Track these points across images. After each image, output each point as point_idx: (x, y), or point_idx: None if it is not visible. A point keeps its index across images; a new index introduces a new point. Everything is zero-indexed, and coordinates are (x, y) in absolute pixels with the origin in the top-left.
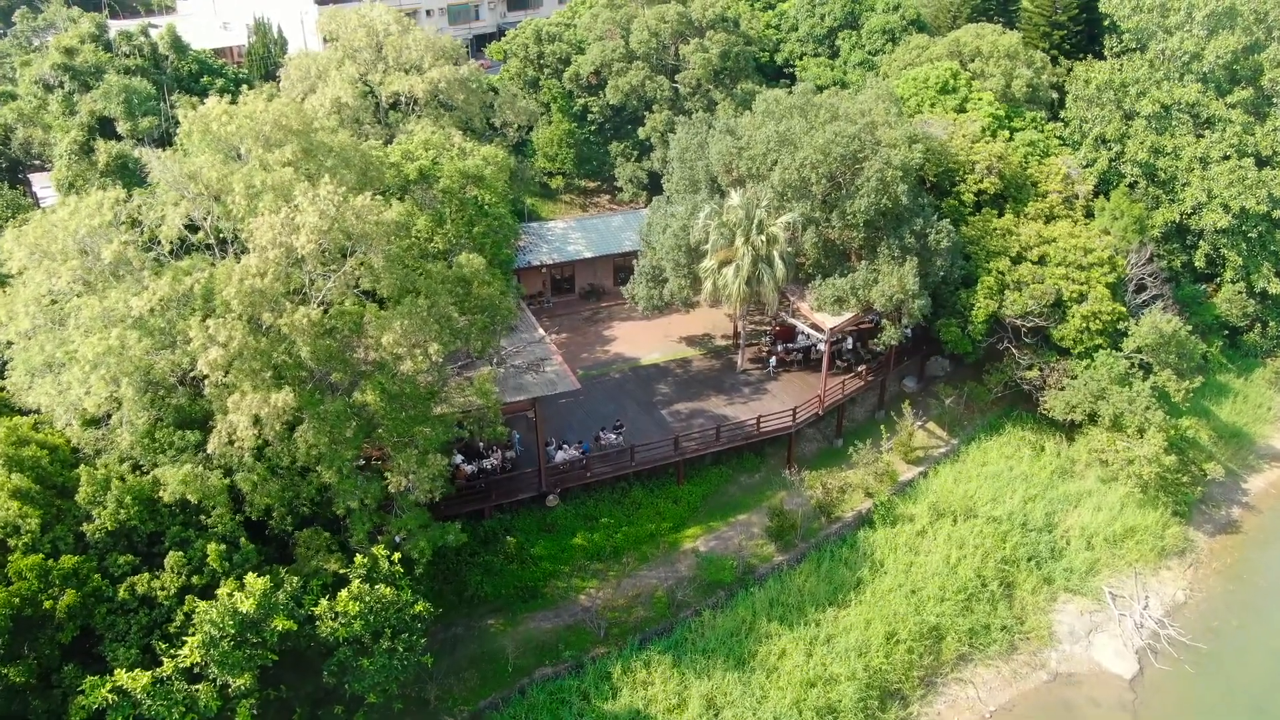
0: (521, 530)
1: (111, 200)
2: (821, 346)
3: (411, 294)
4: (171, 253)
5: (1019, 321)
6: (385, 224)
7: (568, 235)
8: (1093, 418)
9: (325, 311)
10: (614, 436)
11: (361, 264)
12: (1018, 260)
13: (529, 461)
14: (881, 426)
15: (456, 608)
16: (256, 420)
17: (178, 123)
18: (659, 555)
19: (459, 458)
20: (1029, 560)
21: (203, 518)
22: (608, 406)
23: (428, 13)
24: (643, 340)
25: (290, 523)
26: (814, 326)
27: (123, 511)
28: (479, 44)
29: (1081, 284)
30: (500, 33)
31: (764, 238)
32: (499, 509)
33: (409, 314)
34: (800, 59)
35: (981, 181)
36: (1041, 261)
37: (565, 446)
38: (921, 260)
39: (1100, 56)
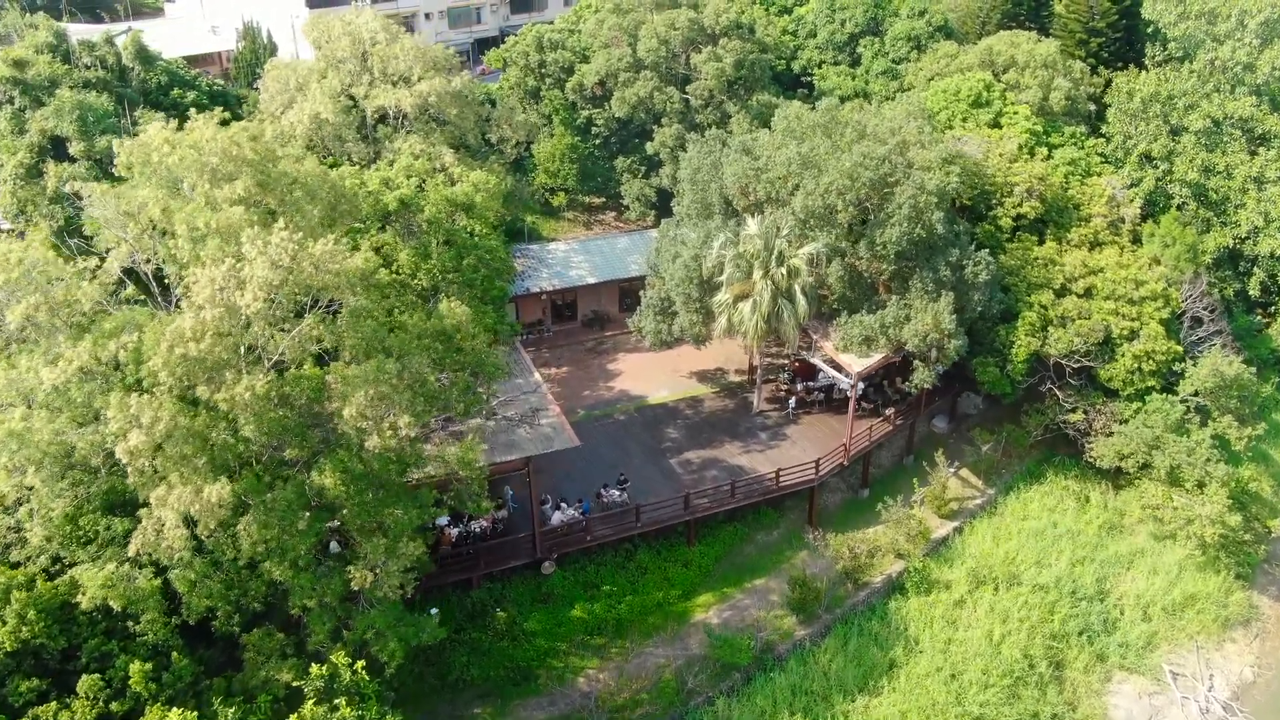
0: (514, 601)
1: (19, 254)
2: (846, 387)
3: (381, 354)
4: (108, 302)
5: (1063, 361)
6: (350, 273)
7: (570, 258)
8: (1145, 468)
9: (280, 374)
10: (617, 493)
11: (322, 321)
12: (1062, 293)
13: (522, 522)
14: (914, 480)
15: (439, 693)
16: (188, 519)
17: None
18: (667, 629)
19: (444, 519)
20: (1080, 634)
21: (130, 624)
22: (611, 453)
23: (427, 16)
24: (650, 375)
25: (237, 622)
26: (838, 368)
27: (26, 629)
28: (481, 48)
29: (1133, 320)
30: (503, 36)
31: (784, 270)
32: (489, 578)
33: (376, 380)
34: (819, 67)
35: (1021, 205)
36: (1088, 294)
37: (563, 506)
38: (957, 294)
39: (1140, 66)
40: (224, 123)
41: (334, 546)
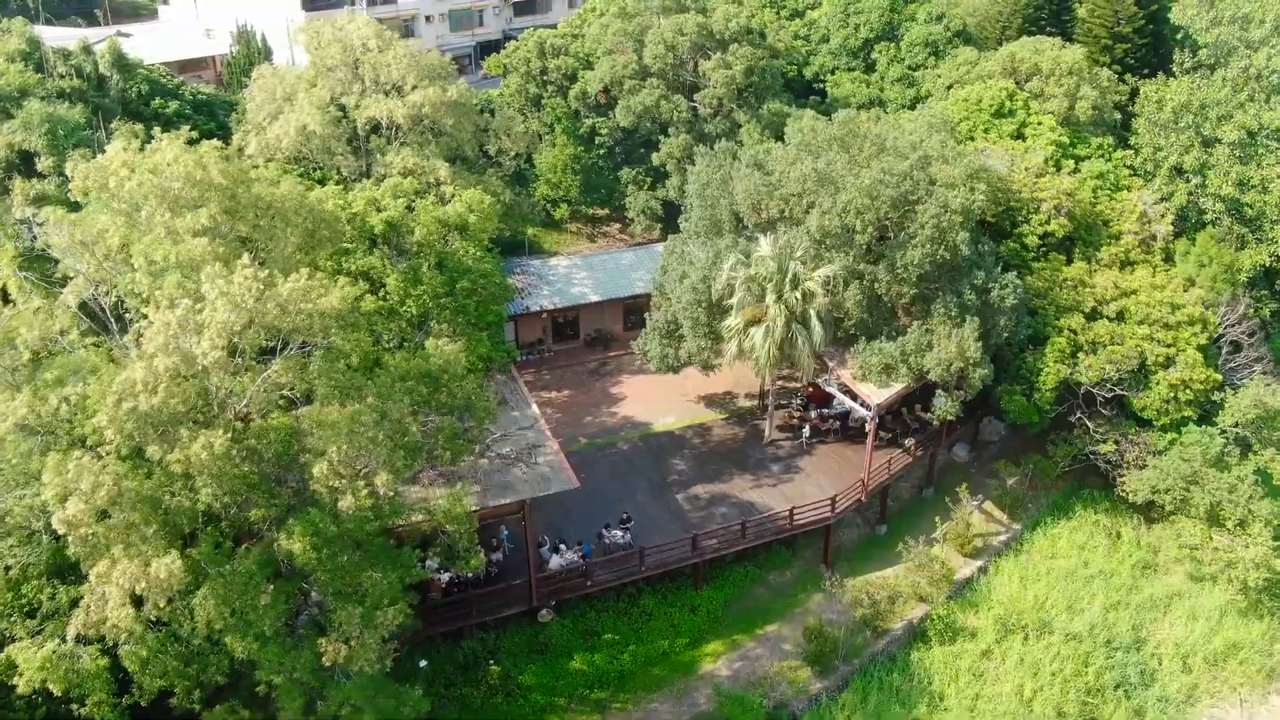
0: (508, 652)
1: None
2: (864, 417)
3: (358, 400)
4: (60, 340)
5: (1094, 390)
6: (325, 313)
7: (572, 275)
8: (1182, 504)
9: (246, 425)
10: (620, 534)
11: (290, 367)
12: (1092, 316)
13: (518, 563)
14: (935, 515)
15: None
16: (135, 597)
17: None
18: (673, 682)
19: (433, 563)
20: (1116, 688)
21: (74, 707)
22: (614, 487)
23: (427, 19)
24: (655, 400)
25: (198, 698)
26: (856, 397)
27: None
28: (484, 51)
29: (1168, 346)
30: (506, 39)
31: (799, 294)
32: (482, 627)
33: (350, 433)
34: (832, 73)
35: (1048, 223)
36: (1120, 318)
37: (562, 548)
38: (982, 319)
39: (1168, 73)
40: (193, 141)
41: (311, 609)
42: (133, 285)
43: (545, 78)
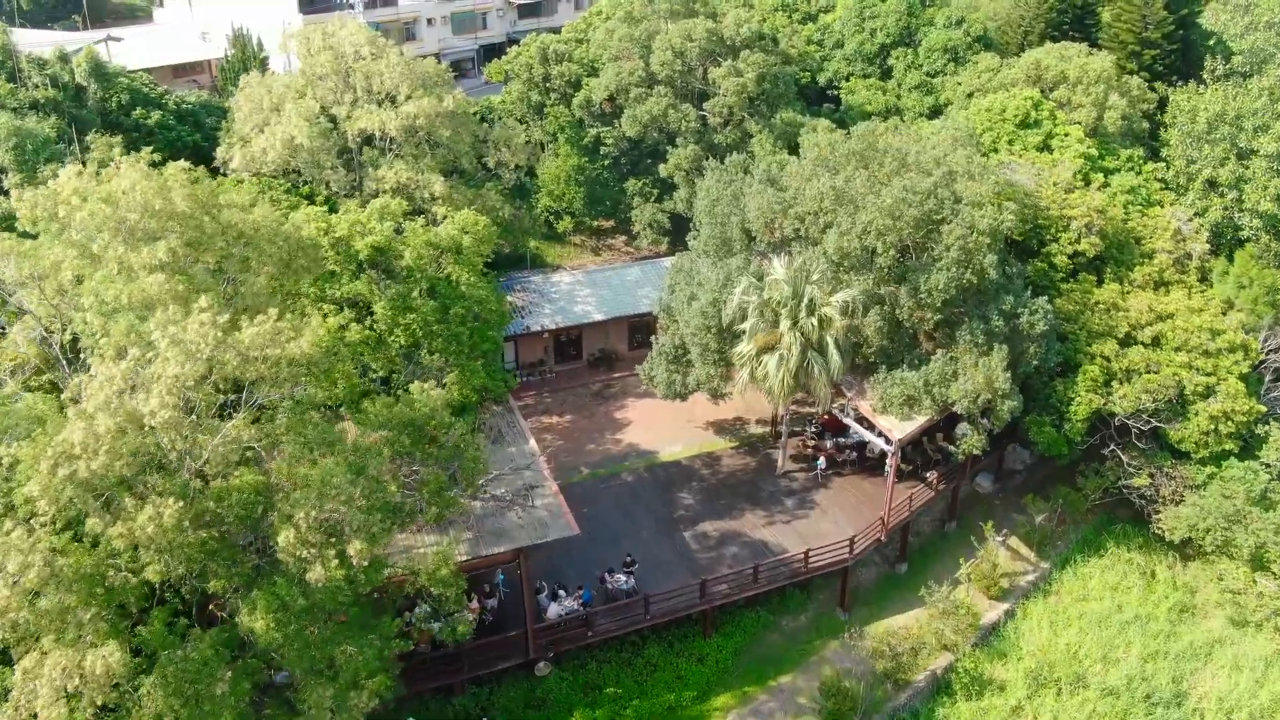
0: (503, 709)
1: None
2: (886, 450)
3: (329, 455)
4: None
5: (1130, 421)
6: (293, 360)
7: (575, 292)
8: (1224, 545)
9: (205, 484)
10: (624, 579)
11: (257, 419)
12: (1126, 342)
13: (515, 609)
14: (958, 553)
15: None
16: (68, 694)
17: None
18: None
19: (423, 608)
20: None
21: None
22: (618, 523)
23: (429, 21)
24: (662, 425)
25: None
26: (874, 429)
27: None
28: (488, 55)
29: (1208, 375)
30: (510, 42)
31: (815, 320)
32: (475, 681)
33: (320, 495)
34: (846, 80)
35: (1078, 242)
36: (1156, 344)
37: (561, 595)
38: (1010, 346)
39: (1199, 81)
40: (157, 163)
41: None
42: (85, 326)
43: (548, 85)
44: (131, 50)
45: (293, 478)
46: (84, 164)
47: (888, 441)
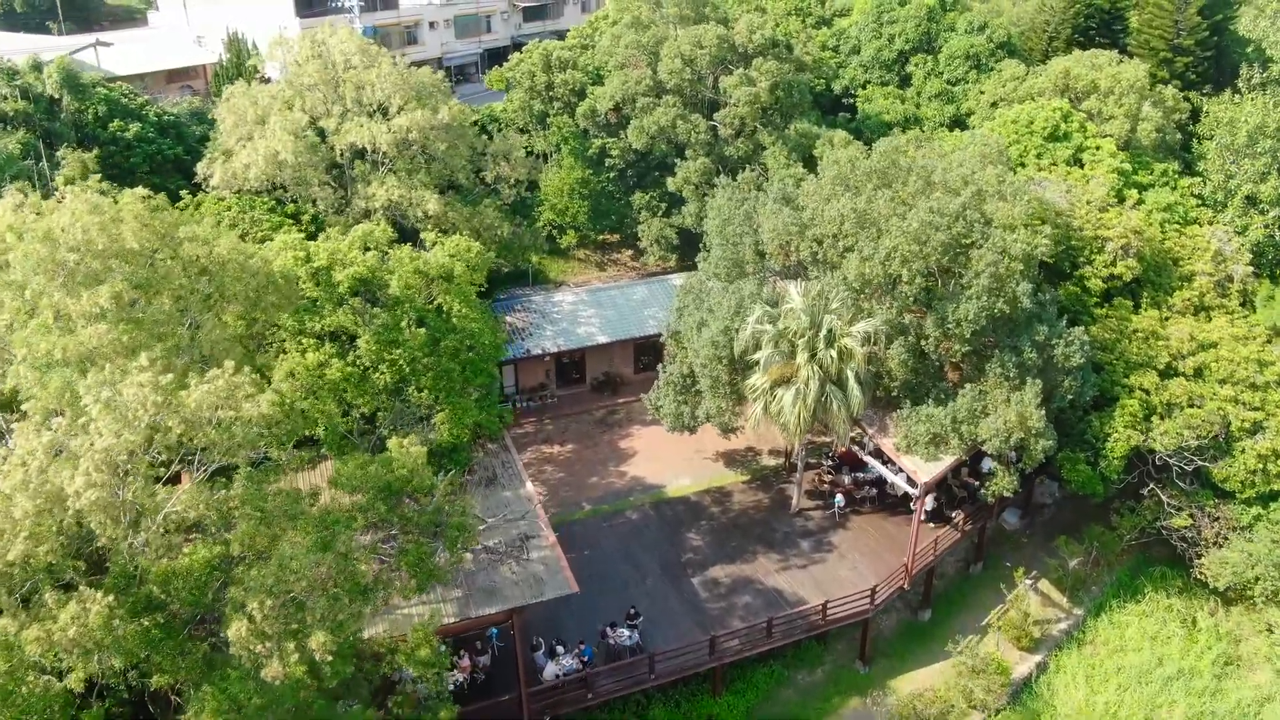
0: None
1: None
2: (910, 493)
3: (292, 529)
4: None
5: (1171, 459)
6: (248, 422)
7: (578, 312)
8: (1274, 595)
9: (154, 560)
10: (627, 634)
11: (201, 496)
12: (1167, 373)
13: (508, 670)
14: (986, 600)
15: None
16: None
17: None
18: None
19: (408, 672)
20: None
21: None
22: (621, 568)
23: (431, 25)
24: (669, 456)
25: None
26: (894, 466)
27: None
28: (492, 60)
29: (1256, 409)
30: (516, 46)
31: (834, 352)
32: None
33: (278, 579)
34: (863, 88)
35: (1114, 265)
36: (1199, 375)
37: (560, 652)
38: (1044, 379)
39: (1234, 89)
40: (105, 192)
41: None
42: (21, 378)
43: (551, 93)
44: (122, 55)
45: (253, 548)
46: (52, 182)
47: (912, 483)
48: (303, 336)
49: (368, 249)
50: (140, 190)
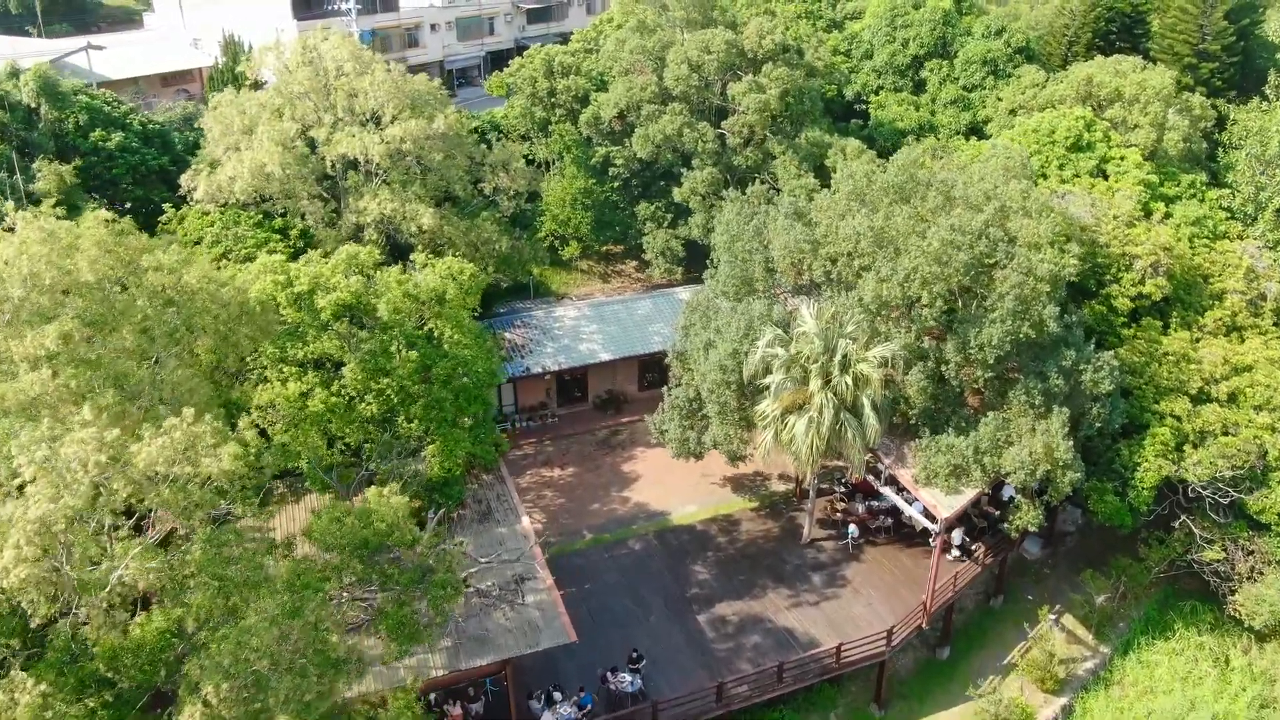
0: None
1: None
2: (928, 526)
3: (257, 594)
4: None
5: (1204, 490)
6: (209, 480)
7: (580, 328)
8: None
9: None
10: (629, 678)
11: (153, 564)
12: (1199, 399)
13: (503, 715)
14: (1007, 631)
15: None
16: None
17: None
18: None
19: None
20: None
21: None
22: (623, 604)
23: (433, 27)
24: (674, 480)
25: None
26: (911, 497)
27: None
28: (495, 63)
29: None
30: (519, 49)
31: (850, 378)
32: None
33: (236, 659)
34: (876, 94)
35: (1143, 283)
36: (1233, 400)
37: (557, 699)
38: (1070, 405)
39: (1262, 96)
40: (64, 216)
41: None
42: None
43: (553, 100)
44: (115, 59)
45: (210, 621)
46: (26, 197)
47: (932, 518)
48: (284, 364)
49: (352, 272)
50: (103, 213)
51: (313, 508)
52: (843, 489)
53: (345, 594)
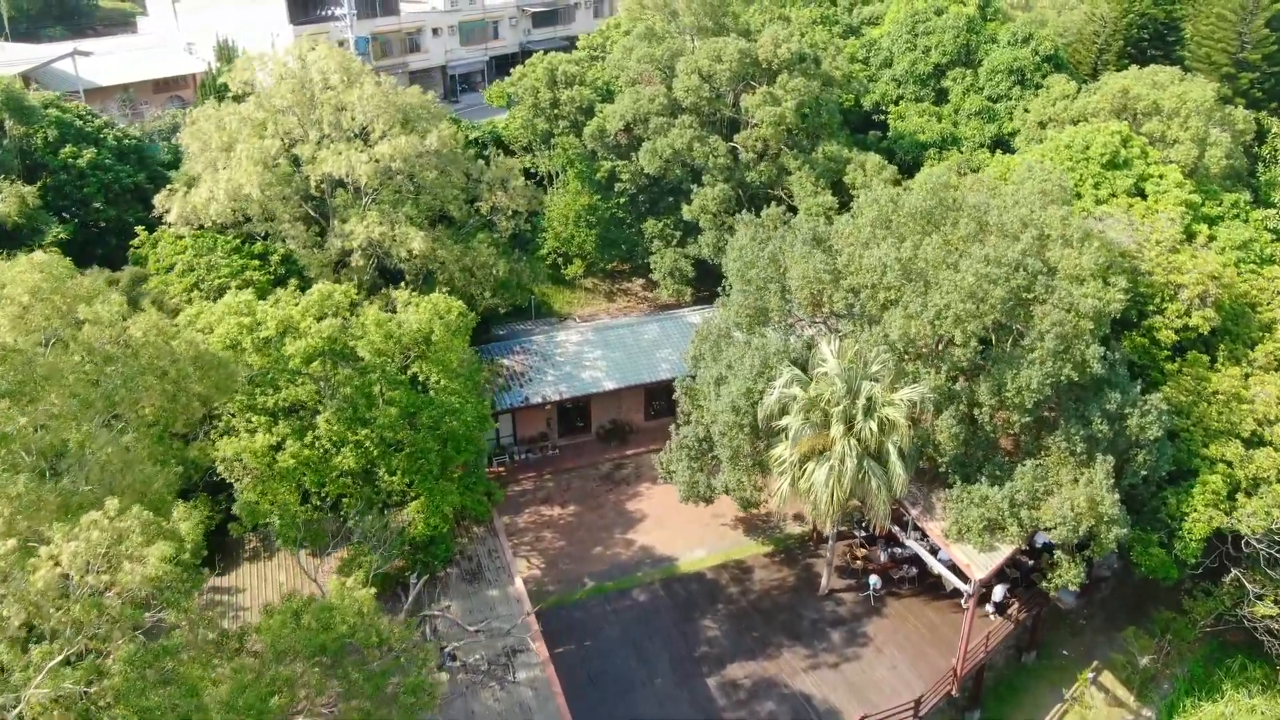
0: None
1: None
2: (960, 586)
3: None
4: None
5: (1258, 542)
6: (128, 590)
7: (583, 354)
8: None
9: None
10: None
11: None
12: (1253, 442)
13: None
14: (1041, 690)
15: None
16: None
17: None
18: None
19: None
20: None
21: None
22: (626, 663)
23: (434, 31)
24: (682, 521)
25: None
26: (924, 538)
27: None
28: (500, 67)
29: None
30: (525, 54)
31: (874, 424)
32: None
33: None
34: (895, 104)
35: (1188, 314)
36: None
37: None
38: (1114, 451)
39: None
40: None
41: None
42: None
43: (556, 111)
44: (104, 65)
45: None
46: None
47: (963, 577)
48: (252, 412)
49: (327, 314)
50: (39, 256)
51: (286, 566)
52: (863, 533)
53: (301, 708)
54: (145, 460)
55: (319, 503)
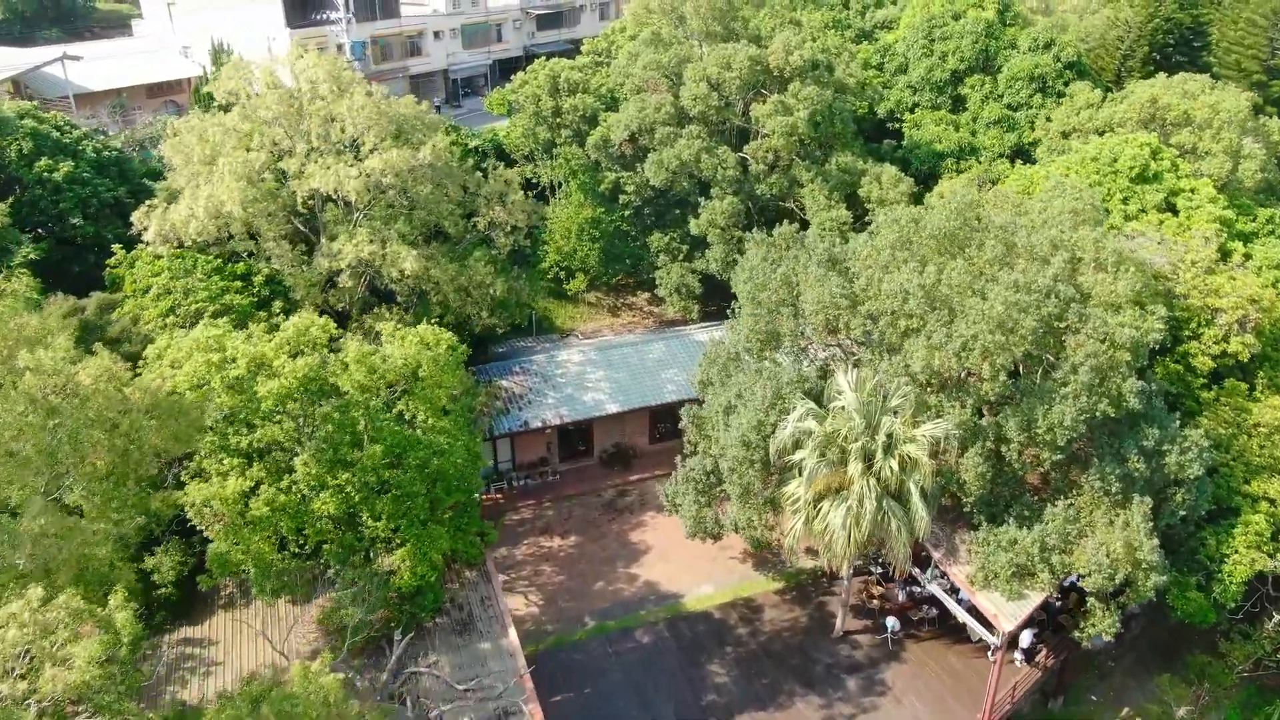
0: None
1: None
2: (988, 639)
3: None
4: None
5: None
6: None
7: (585, 375)
8: None
9: None
10: None
11: None
12: None
13: None
14: None
15: None
16: None
17: None
18: None
19: None
20: None
21: None
22: (627, 712)
23: (436, 34)
24: (688, 554)
25: None
26: (952, 589)
27: None
28: (504, 71)
29: None
30: (529, 57)
31: (895, 462)
32: None
33: None
34: (911, 111)
35: (1226, 340)
36: None
37: None
38: (1150, 490)
39: None
40: None
41: None
42: None
43: (559, 120)
44: (96, 69)
45: None
46: None
47: (990, 628)
48: (224, 454)
49: (302, 350)
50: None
51: (263, 614)
52: (880, 570)
53: None
54: (96, 517)
55: (297, 550)
